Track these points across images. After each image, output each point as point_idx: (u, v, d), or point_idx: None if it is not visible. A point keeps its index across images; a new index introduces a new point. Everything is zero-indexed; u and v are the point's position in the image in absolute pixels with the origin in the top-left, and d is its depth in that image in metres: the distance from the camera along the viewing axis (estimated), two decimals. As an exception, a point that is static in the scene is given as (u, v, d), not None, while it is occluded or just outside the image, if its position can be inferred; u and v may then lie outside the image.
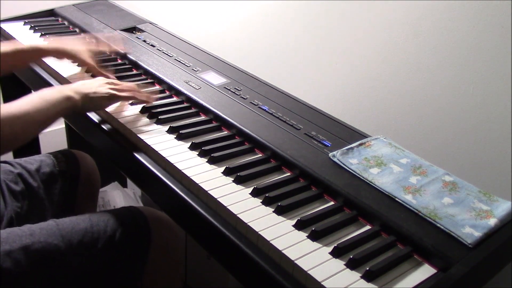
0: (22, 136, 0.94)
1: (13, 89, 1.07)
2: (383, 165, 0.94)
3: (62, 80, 1.24)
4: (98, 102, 1.06)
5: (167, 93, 1.21)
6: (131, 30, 1.53)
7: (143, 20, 1.61)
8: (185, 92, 1.17)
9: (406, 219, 0.82)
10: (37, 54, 1.22)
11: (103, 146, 1.12)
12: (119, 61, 1.35)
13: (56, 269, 0.96)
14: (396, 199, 0.86)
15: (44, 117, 0.96)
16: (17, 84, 1.44)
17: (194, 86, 1.20)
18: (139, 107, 1.12)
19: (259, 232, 0.78)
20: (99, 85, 1.07)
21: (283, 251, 0.75)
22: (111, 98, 1.08)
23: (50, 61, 1.28)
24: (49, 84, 1.24)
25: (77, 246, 1.00)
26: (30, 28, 1.52)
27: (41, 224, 1.01)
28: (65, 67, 1.28)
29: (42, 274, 0.95)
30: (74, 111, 1.04)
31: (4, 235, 0.95)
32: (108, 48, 1.33)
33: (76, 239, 1.00)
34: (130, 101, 1.12)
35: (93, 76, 1.23)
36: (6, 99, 1.54)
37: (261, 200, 0.86)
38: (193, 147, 0.99)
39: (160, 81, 1.24)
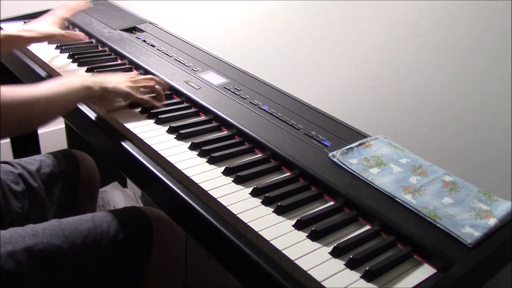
0: (39, 119, 0.97)
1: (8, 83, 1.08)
2: (383, 165, 0.94)
3: (53, 72, 1.26)
4: (114, 97, 1.10)
5: (167, 92, 1.21)
6: (131, 30, 1.53)
7: (143, 20, 1.61)
8: (185, 92, 1.17)
9: (406, 219, 0.82)
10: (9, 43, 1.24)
11: (103, 146, 1.12)
12: (119, 61, 1.35)
13: (59, 270, 0.96)
14: (396, 199, 0.86)
15: (63, 102, 0.99)
16: (10, 78, 1.45)
17: (194, 86, 1.20)
18: (138, 107, 1.12)
19: (259, 232, 0.78)
20: (119, 81, 1.10)
21: (283, 251, 0.75)
22: (127, 97, 1.10)
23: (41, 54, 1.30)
24: (39, 76, 1.26)
25: (80, 247, 1.00)
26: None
27: (44, 224, 1.01)
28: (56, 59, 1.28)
29: (45, 275, 0.95)
30: (91, 100, 1.09)
31: (6, 236, 0.95)
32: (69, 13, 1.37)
33: (79, 240, 1.00)
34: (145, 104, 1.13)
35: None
36: None
37: (261, 200, 0.86)
38: (193, 147, 0.99)
39: (160, 81, 1.23)
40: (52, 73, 1.28)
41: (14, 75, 1.44)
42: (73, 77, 1.03)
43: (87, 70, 1.27)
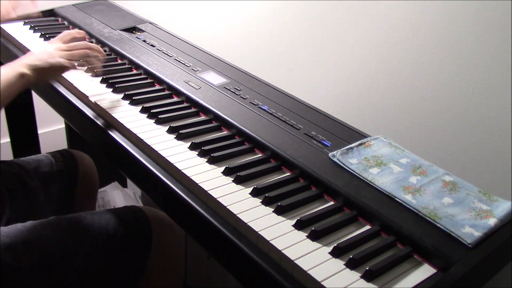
0: None
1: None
2: (383, 165, 0.94)
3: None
4: (51, 73, 1.06)
5: (167, 92, 1.21)
6: (131, 30, 1.53)
7: (143, 20, 1.61)
8: (185, 92, 1.17)
9: (406, 219, 0.82)
10: None
11: (102, 146, 1.12)
12: (119, 61, 1.35)
13: (57, 266, 0.96)
14: (396, 199, 0.86)
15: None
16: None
17: (194, 86, 1.20)
18: (138, 107, 1.12)
19: (258, 232, 0.78)
20: (50, 54, 1.05)
21: (283, 251, 0.74)
22: (64, 68, 1.06)
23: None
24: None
25: (78, 244, 1.00)
26: (30, 28, 1.52)
27: (43, 220, 1.01)
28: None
29: (42, 270, 0.95)
30: (29, 87, 1.03)
31: (5, 230, 0.96)
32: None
33: (78, 237, 1.00)
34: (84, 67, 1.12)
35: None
36: None
37: (261, 200, 0.86)
38: (193, 147, 0.99)
39: (160, 81, 1.23)
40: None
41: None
42: (6, 66, 0.99)
43: (87, 70, 1.27)
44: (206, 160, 0.95)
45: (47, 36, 1.45)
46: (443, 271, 0.75)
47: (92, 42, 1.46)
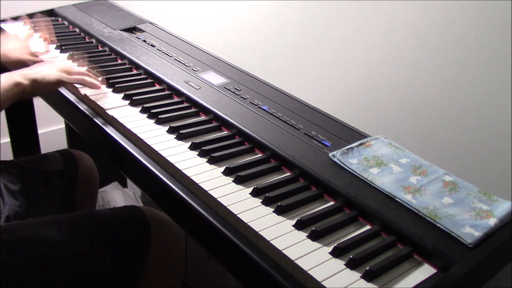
0: None
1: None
2: (383, 165, 0.94)
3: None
4: (47, 86, 1.08)
5: (167, 92, 1.21)
6: (131, 30, 1.53)
7: (143, 20, 1.61)
8: (185, 92, 1.17)
9: (406, 219, 0.82)
10: None
11: (102, 146, 1.12)
12: (119, 61, 1.35)
13: (55, 265, 0.96)
14: (396, 199, 0.86)
15: None
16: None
17: (194, 86, 1.20)
18: (138, 107, 1.12)
19: (259, 232, 0.78)
20: (48, 69, 1.08)
21: (283, 251, 0.74)
22: (59, 83, 1.09)
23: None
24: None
25: (76, 242, 1.00)
26: (30, 28, 1.52)
27: (41, 218, 1.02)
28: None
29: (41, 269, 0.95)
30: (24, 96, 1.05)
31: (3, 227, 0.96)
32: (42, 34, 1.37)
33: (76, 235, 1.00)
34: (79, 85, 1.14)
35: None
36: None
37: (261, 200, 0.86)
38: (193, 147, 0.99)
39: (160, 81, 1.24)
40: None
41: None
42: (3, 74, 1.01)
43: (87, 70, 1.27)
44: (206, 160, 0.95)
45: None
46: (443, 271, 0.75)
47: (92, 42, 1.46)
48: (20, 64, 1.27)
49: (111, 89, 1.19)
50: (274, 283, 0.73)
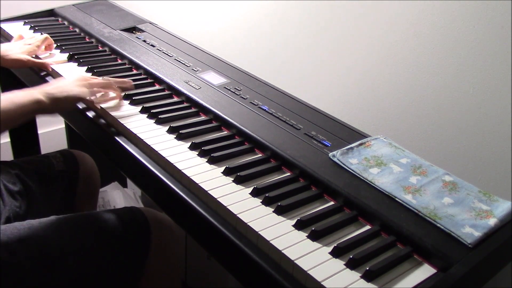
0: None
1: (12, 87, 1.09)
2: (383, 165, 0.94)
3: (53, 73, 1.26)
4: (66, 105, 1.07)
5: (167, 92, 1.21)
6: (131, 30, 1.53)
7: (143, 20, 1.61)
8: (185, 92, 1.17)
9: (406, 219, 0.82)
10: None
11: (102, 146, 1.12)
12: (119, 61, 1.35)
13: (55, 266, 0.96)
14: (396, 199, 0.86)
15: (10, 118, 0.95)
16: (16, 83, 1.44)
17: (194, 86, 1.20)
18: (138, 107, 1.12)
19: (259, 232, 0.78)
20: (70, 85, 1.06)
21: (283, 251, 0.74)
22: (79, 100, 1.08)
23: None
24: (39, 76, 1.26)
25: (76, 243, 1.00)
26: (30, 28, 1.52)
27: (41, 219, 1.02)
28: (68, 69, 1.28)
29: (40, 269, 0.95)
30: (42, 113, 1.04)
31: (3, 227, 0.96)
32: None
33: (75, 236, 1.00)
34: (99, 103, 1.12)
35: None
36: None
37: (261, 200, 0.86)
38: (193, 147, 0.99)
39: (160, 81, 1.24)
40: (52, 74, 1.28)
41: (15, 75, 1.44)
42: (25, 90, 1.00)
43: (87, 70, 1.28)
44: (206, 160, 0.95)
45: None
46: (443, 271, 0.75)
47: (92, 42, 1.46)
48: (19, 63, 1.27)
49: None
50: (274, 283, 0.73)
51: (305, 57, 1.49)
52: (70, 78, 1.10)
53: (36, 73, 1.30)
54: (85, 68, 1.28)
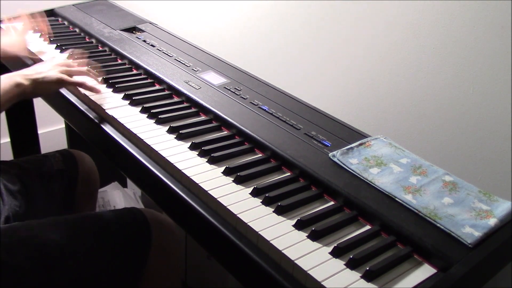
0: None
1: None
2: (383, 165, 0.94)
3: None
4: (47, 86, 1.07)
5: (167, 92, 1.21)
6: (131, 30, 1.53)
7: (143, 20, 1.61)
8: (185, 92, 1.17)
9: (406, 219, 0.82)
10: None
11: (102, 146, 1.12)
12: (119, 61, 1.35)
13: (54, 265, 0.96)
14: (396, 199, 0.86)
15: None
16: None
17: (194, 86, 1.20)
18: (138, 107, 1.12)
19: (259, 232, 0.78)
20: (50, 69, 1.08)
21: (283, 251, 0.74)
22: (60, 83, 1.09)
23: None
24: None
25: (75, 244, 1.00)
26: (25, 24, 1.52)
27: (40, 220, 1.01)
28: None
29: (40, 270, 0.95)
30: (25, 97, 1.05)
31: (2, 228, 0.96)
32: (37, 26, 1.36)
33: (75, 237, 1.00)
34: (80, 86, 1.13)
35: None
36: None
37: (261, 200, 0.86)
38: (193, 147, 0.99)
39: (160, 81, 1.24)
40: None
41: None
42: (4, 75, 1.02)
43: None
44: (206, 160, 0.95)
45: (46, 36, 1.45)
46: (443, 271, 0.75)
47: (92, 42, 1.46)
48: (17, 60, 1.27)
49: (111, 89, 1.19)
50: (274, 283, 0.73)
51: (305, 57, 1.49)
52: (50, 62, 1.12)
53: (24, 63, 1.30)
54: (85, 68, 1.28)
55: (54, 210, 1.23)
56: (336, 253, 0.75)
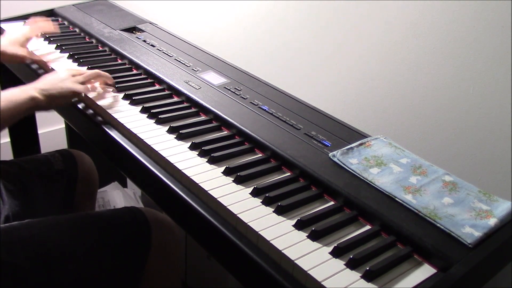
0: None
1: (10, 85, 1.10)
2: (383, 165, 0.94)
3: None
4: (62, 101, 1.08)
5: (167, 92, 1.21)
6: (131, 30, 1.53)
7: (143, 20, 1.61)
8: (185, 92, 1.17)
9: (406, 219, 0.82)
10: None
11: (102, 146, 1.12)
12: (119, 61, 1.35)
13: (54, 266, 0.96)
14: (396, 199, 0.86)
15: (7, 116, 0.96)
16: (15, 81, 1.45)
17: (194, 86, 1.20)
18: (138, 107, 1.12)
19: (259, 232, 0.78)
20: (63, 80, 1.07)
21: (283, 251, 0.75)
22: (74, 96, 1.09)
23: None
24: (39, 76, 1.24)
25: (75, 243, 1.00)
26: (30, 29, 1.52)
27: (41, 219, 1.02)
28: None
29: (40, 269, 0.95)
30: (38, 110, 1.05)
31: (2, 227, 0.96)
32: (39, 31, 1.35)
33: (75, 236, 1.00)
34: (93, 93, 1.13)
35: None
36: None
37: (261, 200, 0.86)
38: (193, 147, 0.99)
39: (160, 81, 1.24)
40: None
41: (15, 75, 1.44)
42: (19, 88, 1.01)
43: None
44: (206, 160, 0.95)
45: (47, 36, 1.45)
46: (443, 271, 0.75)
47: (92, 42, 1.46)
48: (17, 59, 1.27)
49: (111, 89, 1.19)
50: (274, 283, 0.73)
51: (305, 57, 1.49)
52: (62, 72, 1.11)
53: (32, 69, 1.30)
54: (85, 68, 1.28)
55: (54, 210, 1.23)
56: (336, 253, 0.75)
